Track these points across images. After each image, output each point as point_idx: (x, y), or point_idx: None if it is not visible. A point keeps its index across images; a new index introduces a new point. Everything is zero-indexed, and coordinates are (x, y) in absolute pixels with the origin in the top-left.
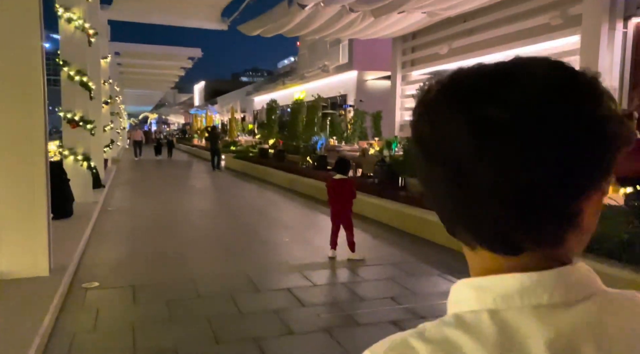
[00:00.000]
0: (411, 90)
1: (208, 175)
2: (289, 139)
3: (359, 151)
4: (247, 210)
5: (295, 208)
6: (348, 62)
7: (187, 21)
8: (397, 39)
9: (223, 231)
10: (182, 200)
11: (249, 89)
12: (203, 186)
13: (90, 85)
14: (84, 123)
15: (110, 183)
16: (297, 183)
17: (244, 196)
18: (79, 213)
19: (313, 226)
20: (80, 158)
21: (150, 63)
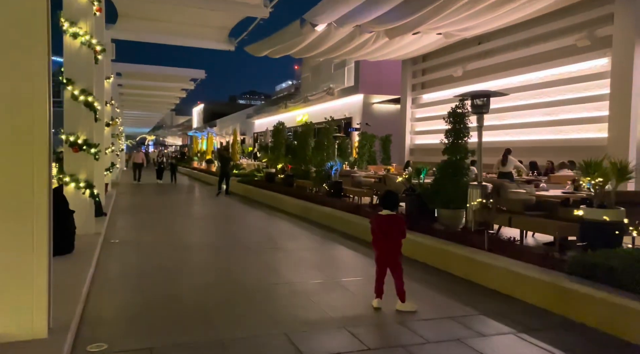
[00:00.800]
0: (422, 113)
1: (214, 201)
2: (297, 163)
3: (373, 176)
4: (263, 243)
5: (316, 241)
6: (354, 85)
7: (194, 41)
8: (407, 61)
9: (243, 271)
10: (191, 231)
11: (249, 112)
12: (211, 214)
13: (96, 106)
14: (88, 146)
15: (111, 210)
16: (312, 212)
17: (257, 226)
18: (80, 248)
19: (343, 266)
20: (82, 186)
21: (151, 84)
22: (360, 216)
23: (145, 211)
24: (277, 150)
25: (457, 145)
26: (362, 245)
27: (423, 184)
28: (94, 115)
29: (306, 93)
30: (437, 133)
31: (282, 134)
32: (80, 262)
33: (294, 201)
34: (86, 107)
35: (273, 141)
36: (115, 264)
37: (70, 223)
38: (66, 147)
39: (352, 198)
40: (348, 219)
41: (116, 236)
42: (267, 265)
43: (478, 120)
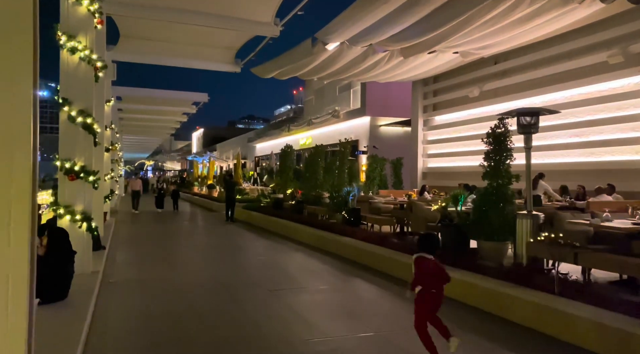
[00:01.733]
0: (434, 136)
1: (219, 230)
2: (308, 189)
3: (393, 202)
4: (282, 281)
5: (340, 278)
6: (360, 107)
7: (199, 63)
8: (417, 82)
9: (265, 321)
10: (199, 266)
11: (250, 136)
12: (218, 245)
13: (96, 128)
14: (86, 174)
15: (110, 242)
16: (329, 242)
17: (270, 259)
18: (75, 292)
19: (381, 311)
20: (78, 218)
21: (153, 108)
22: (385, 248)
23: (146, 242)
24: (284, 174)
25: (499, 169)
26: (391, 282)
27: (461, 213)
28: (94, 139)
29: (310, 116)
30: (452, 156)
31: (290, 157)
32: (74, 311)
33: (307, 230)
34: (85, 129)
35: (280, 165)
36: (115, 312)
37: (71, 268)
38: (61, 174)
39: (370, 227)
40: (372, 251)
41: (116, 275)
42: (293, 311)
43: (526, 141)
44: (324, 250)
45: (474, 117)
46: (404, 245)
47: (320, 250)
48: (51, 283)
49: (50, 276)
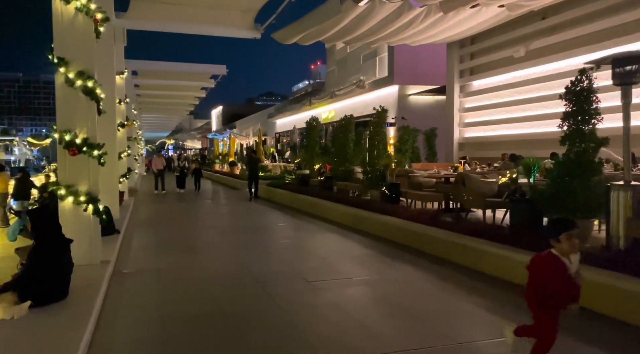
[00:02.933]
0: (472, 103)
1: (245, 209)
2: (336, 164)
3: (436, 176)
4: (323, 271)
5: (390, 266)
6: (388, 76)
7: (215, 29)
8: (453, 44)
9: (310, 326)
10: (225, 252)
11: (270, 111)
12: (245, 227)
13: (98, 93)
14: (89, 147)
15: (127, 225)
16: (366, 222)
17: (304, 243)
18: (78, 287)
19: (451, 312)
20: (82, 200)
21: (170, 83)
22: (440, 229)
23: (166, 225)
24: (310, 149)
25: (582, 131)
26: (450, 269)
27: (535, 186)
28: (97, 106)
29: (332, 88)
30: (492, 124)
31: (316, 131)
32: (73, 318)
33: (340, 208)
34: (85, 95)
35: (306, 139)
36: (124, 315)
37: (67, 264)
38: (60, 148)
39: (410, 204)
40: (422, 232)
41: (130, 264)
42: (341, 311)
43: (624, 95)
44: (361, 230)
45: (519, 79)
46: (461, 225)
47: (356, 230)
48: (42, 281)
49: (40, 272)
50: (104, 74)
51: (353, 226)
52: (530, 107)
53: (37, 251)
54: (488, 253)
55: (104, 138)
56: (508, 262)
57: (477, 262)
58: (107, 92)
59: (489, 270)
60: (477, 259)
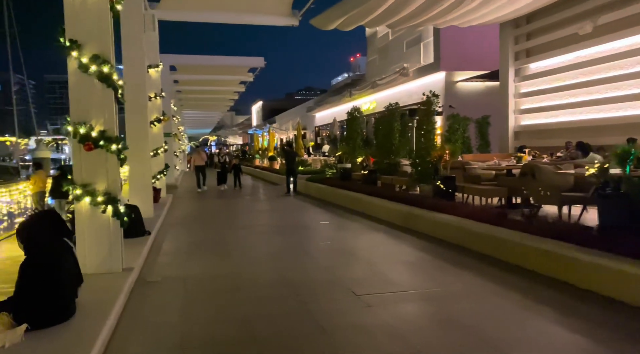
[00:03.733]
0: (529, 87)
1: (282, 206)
2: (381, 156)
3: (496, 168)
4: (373, 282)
5: (454, 277)
6: (434, 62)
7: (251, 17)
8: (506, 25)
9: (363, 352)
10: (261, 256)
11: (309, 105)
12: (285, 227)
13: (115, 79)
14: (106, 141)
15: (160, 226)
16: (418, 220)
17: (349, 245)
18: (90, 303)
19: (548, 346)
20: (100, 200)
21: (208, 78)
22: (510, 230)
23: (202, 223)
24: (352, 141)
25: None
26: (531, 280)
27: (632, 178)
28: (115, 94)
29: (373, 78)
30: (553, 110)
31: (358, 122)
32: (75, 343)
33: (386, 204)
34: (101, 82)
35: (347, 131)
36: (139, 339)
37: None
38: (75, 143)
39: (466, 199)
40: (487, 233)
41: (156, 271)
42: (400, 339)
43: None
44: (411, 230)
45: (584, 59)
46: (536, 225)
47: (406, 229)
48: (37, 300)
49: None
50: (133, 65)
51: (402, 225)
52: (598, 90)
53: (26, 265)
54: (581, 262)
55: (136, 134)
56: (613, 274)
57: (565, 272)
58: (138, 84)
59: (585, 283)
60: (565, 268)
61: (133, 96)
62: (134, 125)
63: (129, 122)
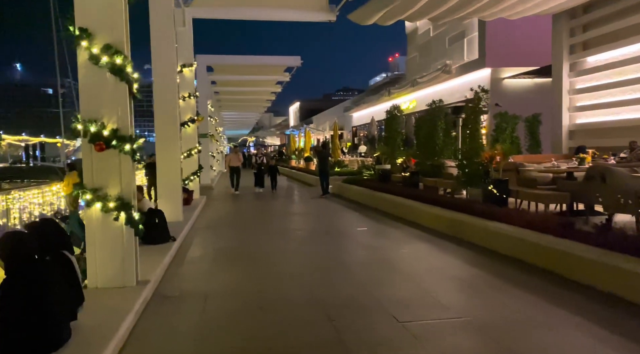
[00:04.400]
0: (586, 83)
1: (316, 209)
2: (423, 157)
3: (555, 171)
4: (420, 305)
5: (517, 300)
6: (478, 58)
7: (287, 13)
8: (560, 16)
9: None
10: (290, 267)
11: (346, 105)
12: (315, 233)
13: (129, 72)
14: (119, 141)
15: (188, 231)
16: (467, 229)
17: (390, 257)
18: (92, 325)
19: None
20: (112, 206)
21: (245, 79)
22: (584, 245)
23: (232, 228)
24: (392, 141)
25: None
26: (623, 311)
27: None
28: (128, 89)
29: (413, 76)
30: (614, 106)
31: (398, 121)
32: None
33: (430, 210)
34: (114, 75)
35: (386, 130)
36: None
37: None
38: (85, 143)
39: (520, 204)
40: (553, 247)
41: (175, 284)
42: None
43: None
44: (459, 239)
45: None
46: (611, 238)
47: (453, 238)
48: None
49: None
50: (163, 63)
51: (449, 233)
52: None
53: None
54: None
55: (165, 134)
56: None
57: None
58: (167, 83)
59: None
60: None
61: (163, 95)
62: (163, 125)
63: (158, 122)
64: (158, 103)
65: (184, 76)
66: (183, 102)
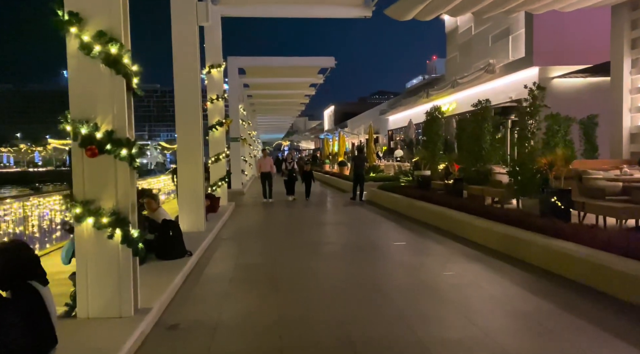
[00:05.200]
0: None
1: (350, 219)
2: (467, 163)
3: (628, 179)
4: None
5: (599, 343)
6: (525, 56)
7: (320, 10)
8: (620, 7)
9: None
10: (319, 293)
11: (382, 108)
12: (348, 248)
13: (127, 64)
14: (115, 145)
15: (209, 243)
16: (525, 247)
17: (436, 281)
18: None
19: None
20: (105, 222)
21: (278, 81)
22: None
23: (256, 242)
24: (432, 145)
25: None
26: None
27: None
28: (127, 84)
29: (453, 77)
30: None
31: (439, 123)
32: None
33: (482, 224)
34: (109, 67)
35: (426, 134)
36: None
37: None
38: (74, 147)
39: (583, 218)
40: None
41: (184, 312)
42: None
43: None
44: (515, 258)
45: None
46: None
47: (508, 257)
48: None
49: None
50: (184, 61)
51: (501, 251)
52: None
53: None
54: None
55: (186, 138)
56: None
57: None
58: (187, 83)
59: None
60: None
61: (184, 96)
62: (184, 128)
63: (179, 124)
64: (179, 104)
65: (212, 77)
66: (211, 105)
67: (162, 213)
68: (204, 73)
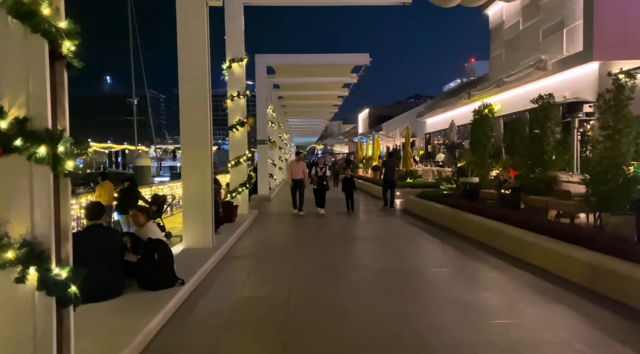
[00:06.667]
0: None
1: (384, 235)
2: (529, 168)
3: None
4: None
5: None
6: (584, 51)
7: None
8: None
9: None
10: (341, 336)
11: (419, 110)
12: (381, 273)
13: (47, 16)
14: (30, 139)
15: (214, 264)
16: (618, 282)
17: (497, 338)
18: None
19: None
20: (12, 257)
21: (310, 81)
22: None
23: (271, 263)
24: (481, 148)
25: None
26: None
27: None
28: (50, 50)
29: (498, 75)
30: None
31: (489, 124)
32: None
33: (556, 247)
34: (21, 21)
35: (473, 136)
36: None
37: None
38: None
39: None
40: None
41: None
42: None
43: None
44: (605, 296)
45: None
46: None
47: (594, 294)
48: None
49: None
50: (190, 48)
51: (586, 286)
52: None
53: None
54: None
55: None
56: None
57: None
58: (192, 73)
59: None
60: None
61: (189, 88)
62: (190, 125)
63: (184, 121)
64: (183, 98)
65: (233, 72)
66: (231, 102)
67: (150, 230)
68: (224, 68)
